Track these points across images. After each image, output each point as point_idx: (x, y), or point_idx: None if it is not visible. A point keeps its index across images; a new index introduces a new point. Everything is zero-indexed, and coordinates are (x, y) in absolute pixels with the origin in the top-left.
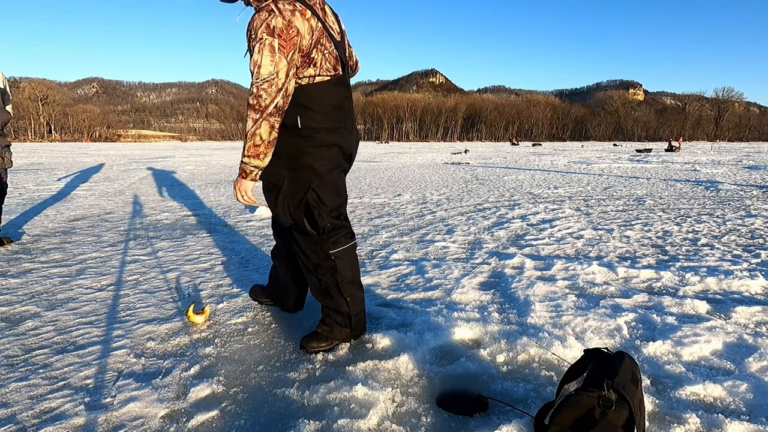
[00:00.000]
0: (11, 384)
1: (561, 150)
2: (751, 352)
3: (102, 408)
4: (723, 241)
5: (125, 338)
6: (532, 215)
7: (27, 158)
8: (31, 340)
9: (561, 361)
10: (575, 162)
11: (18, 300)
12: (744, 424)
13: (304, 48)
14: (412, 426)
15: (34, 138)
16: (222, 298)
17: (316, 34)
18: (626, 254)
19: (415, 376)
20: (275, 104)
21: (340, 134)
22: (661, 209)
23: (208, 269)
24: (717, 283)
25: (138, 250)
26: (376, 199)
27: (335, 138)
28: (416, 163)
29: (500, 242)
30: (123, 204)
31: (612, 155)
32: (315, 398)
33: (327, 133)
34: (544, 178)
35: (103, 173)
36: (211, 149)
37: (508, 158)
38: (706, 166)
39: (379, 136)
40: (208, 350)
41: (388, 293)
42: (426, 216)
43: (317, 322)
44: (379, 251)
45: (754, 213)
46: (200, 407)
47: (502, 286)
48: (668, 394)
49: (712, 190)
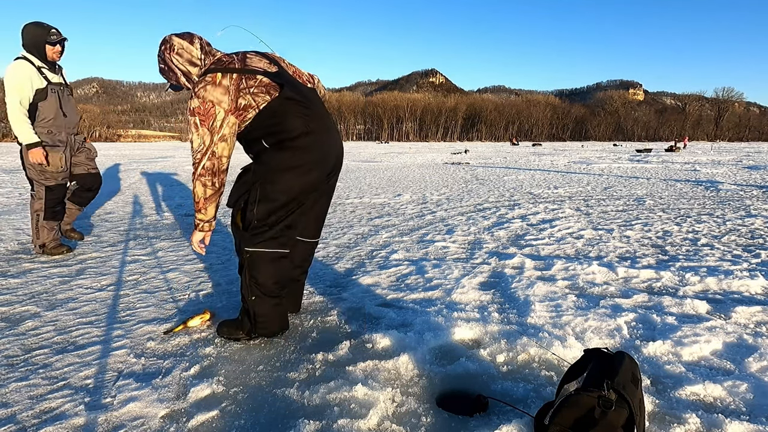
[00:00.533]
0: (11, 384)
1: (561, 150)
2: (751, 352)
3: (102, 408)
4: (723, 241)
5: (125, 338)
6: (532, 215)
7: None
8: (31, 340)
9: (561, 361)
10: (575, 162)
11: (18, 300)
12: (744, 424)
13: (229, 107)
14: (412, 426)
15: None
16: (222, 298)
17: (232, 88)
18: (626, 254)
19: (415, 376)
20: (203, 165)
21: (306, 141)
22: (661, 209)
23: (208, 269)
24: (717, 283)
25: (138, 250)
26: (376, 199)
27: (300, 143)
28: (416, 163)
29: (500, 242)
30: (123, 204)
31: (612, 155)
32: (315, 398)
33: (290, 141)
34: (544, 178)
35: (102, 173)
36: None
37: (508, 158)
38: (706, 166)
39: (379, 136)
40: (208, 350)
41: (388, 293)
42: (426, 216)
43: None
44: (379, 251)
45: (754, 213)
46: (200, 407)
47: (502, 286)
48: (668, 394)
49: (712, 190)
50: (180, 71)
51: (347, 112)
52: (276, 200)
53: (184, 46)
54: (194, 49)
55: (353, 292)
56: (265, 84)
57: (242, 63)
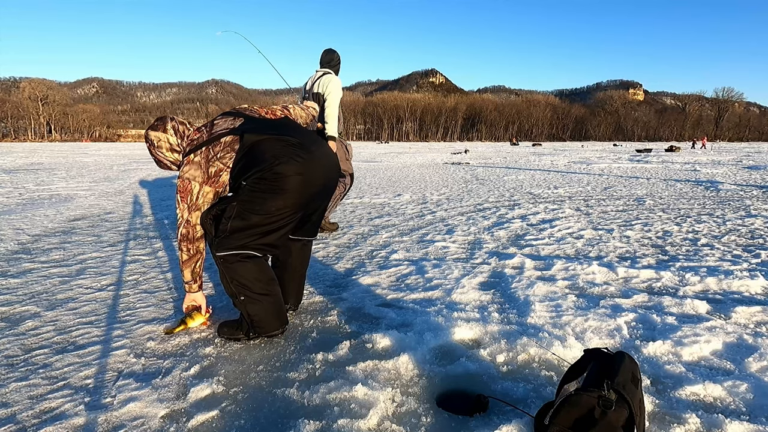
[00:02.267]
0: (11, 384)
1: (561, 150)
2: (751, 352)
3: (102, 408)
4: (723, 241)
5: (125, 338)
6: (532, 215)
7: (27, 158)
8: (31, 340)
9: (561, 361)
10: (575, 162)
11: (18, 300)
12: (744, 424)
13: (203, 179)
14: (412, 426)
15: (34, 138)
16: (222, 298)
17: (203, 162)
18: (626, 254)
19: (415, 376)
20: (180, 233)
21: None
22: (661, 209)
23: (208, 269)
24: (717, 283)
25: (138, 250)
26: (376, 199)
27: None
28: (416, 163)
29: (500, 242)
30: (123, 204)
31: (612, 155)
32: (315, 398)
33: (264, 172)
34: (544, 178)
35: (103, 173)
36: None
37: (508, 158)
38: (706, 166)
39: (379, 136)
40: (208, 350)
41: (388, 293)
42: (426, 216)
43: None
44: (379, 251)
45: (754, 213)
46: (200, 407)
47: (502, 286)
48: (668, 394)
49: (712, 190)
50: (168, 161)
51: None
52: (250, 219)
53: (161, 137)
54: (170, 137)
55: (353, 292)
56: (228, 143)
57: (209, 132)
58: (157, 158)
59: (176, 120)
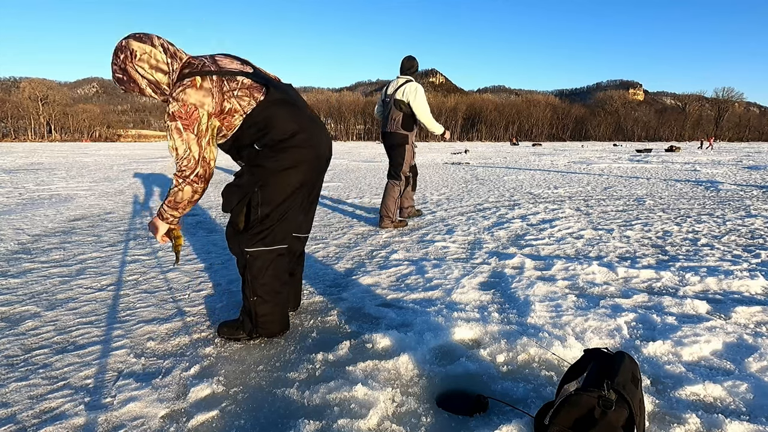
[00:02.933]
0: (11, 384)
1: (561, 150)
2: (751, 352)
3: (102, 408)
4: (723, 241)
5: (125, 338)
6: (532, 215)
7: (27, 158)
8: (31, 340)
9: (561, 361)
10: (575, 162)
11: (18, 300)
12: (744, 424)
13: (213, 111)
14: (412, 426)
15: (34, 138)
16: (222, 298)
17: (215, 90)
18: (626, 254)
19: (415, 376)
20: (196, 173)
21: (299, 139)
22: (661, 209)
23: (208, 269)
24: (717, 283)
25: (138, 250)
26: (376, 199)
27: (295, 142)
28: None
29: (500, 242)
30: (123, 204)
31: (612, 155)
32: (315, 398)
33: (284, 142)
34: (544, 178)
35: (103, 173)
36: None
37: (508, 158)
38: (706, 166)
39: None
40: (208, 350)
41: (388, 293)
42: (426, 216)
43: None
44: (379, 251)
45: (754, 213)
46: (200, 407)
47: (502, 286)
48: (668, 394)
49: (712, 190)
50: (146, 81)
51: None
52: (275, 201)
53: (147, 50)
54: (158, 52)
55: (353, 292)
56: (247, 86)
57: (215, 65)
58: (129, 75)
59: (163, 39)
